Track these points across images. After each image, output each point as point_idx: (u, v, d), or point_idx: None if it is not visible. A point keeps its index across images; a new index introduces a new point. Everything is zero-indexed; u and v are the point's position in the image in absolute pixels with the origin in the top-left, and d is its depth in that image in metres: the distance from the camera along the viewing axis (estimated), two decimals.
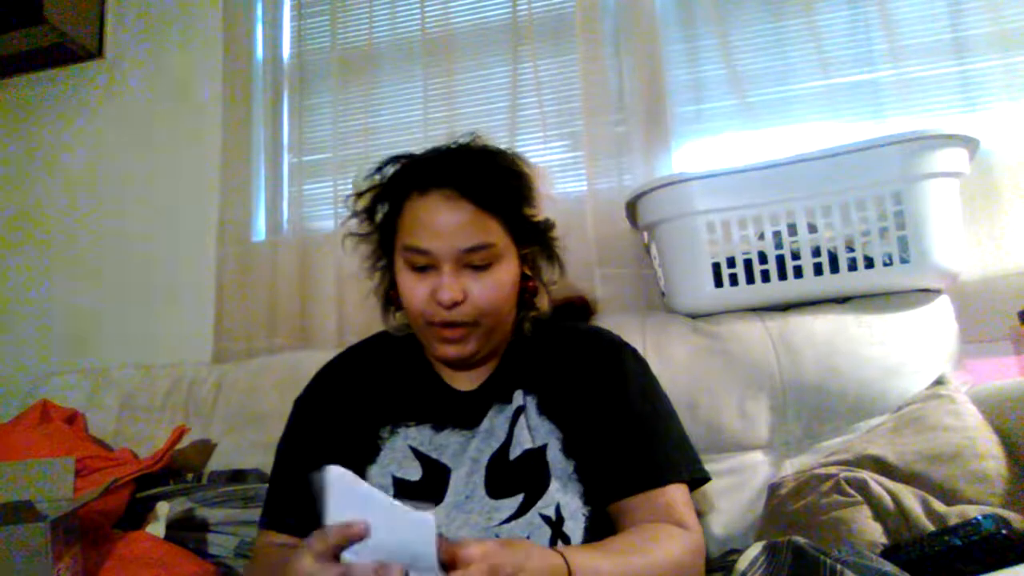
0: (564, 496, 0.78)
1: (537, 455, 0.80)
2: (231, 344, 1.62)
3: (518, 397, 0.84)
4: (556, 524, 0.76)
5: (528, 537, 0.75)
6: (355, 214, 0.88)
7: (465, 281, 0.78)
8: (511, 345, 0.89)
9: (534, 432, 0.82)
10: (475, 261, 0.78)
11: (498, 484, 0.79)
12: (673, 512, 0.77)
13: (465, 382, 0.88)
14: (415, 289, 0.80)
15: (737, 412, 1.10)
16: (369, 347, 0.95)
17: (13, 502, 0.89)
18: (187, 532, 1.09)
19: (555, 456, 0.81)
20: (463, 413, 0.85)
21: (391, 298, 0.89)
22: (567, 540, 0.76)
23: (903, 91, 1.35)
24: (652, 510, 0.76)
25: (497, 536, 0.76)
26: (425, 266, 0.79)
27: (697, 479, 0.83)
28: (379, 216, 0.86)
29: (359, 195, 0.87)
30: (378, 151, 1.64)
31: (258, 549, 0.85)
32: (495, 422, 0.83)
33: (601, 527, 0.78)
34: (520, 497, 0.78)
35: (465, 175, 0.78)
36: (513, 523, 0.77)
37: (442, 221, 0.77)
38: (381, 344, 0.94)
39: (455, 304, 0.77)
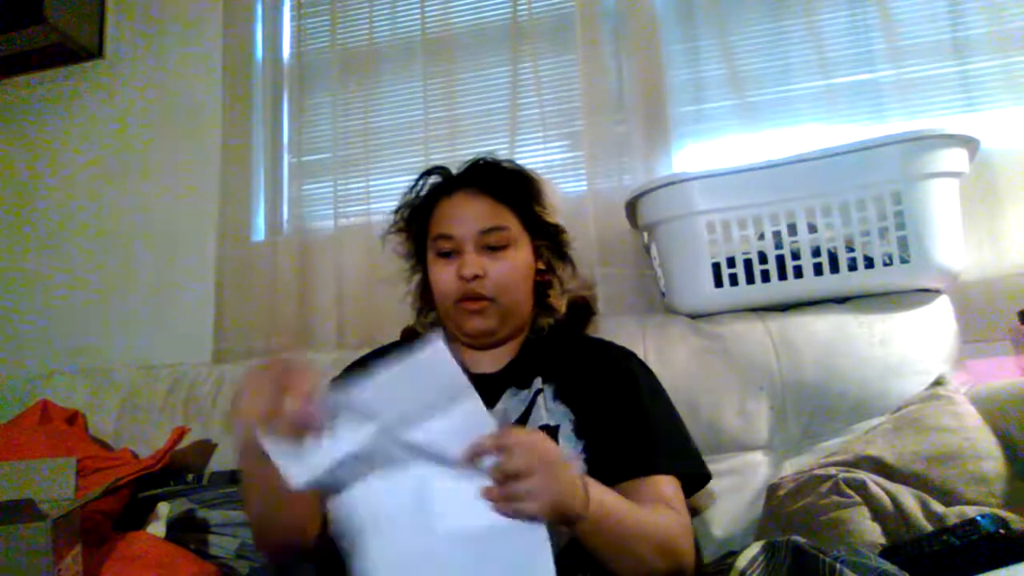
0: None
1: (550, 432, 0.86)
2: (231, 344, 1.62)
3: (537, 383, 0.91)
4: None
5: None
6: (397, 230, 1.01)
7: (484, 261, 0.90)
8: (529, 341, 0.98)
9: (551, 414, 0.88)
10: (491, 242, 0.91)
11: None
12: (661, 501, 0.80)
13: (485, 367, 0.95)
14: (443, 272, 0.92)
15: (737, 412, 1.10)
16: (395, 343, 1.05)
17: (15, 501, 0.89)
18: (188, 533, 1.09)
19: (567, 436, 0.87)
20: (481, 393, 0.88)
21: (426, 299, 1.01)
22: None
23: (903, 91, 1.35)
24: (642, 495, 0.80)
25: None
26: (450, 252, 0.92)
27: (696, 477, 0.88)
28: (414, 227, 1.00)
29: (398, 210, 1.01)
30: (378, 151, 1.64)
31: None
32: (509, 404, 0.91)
33: None
34: None
35: (484, 175, 0.95)
36: None
37: (464, 211, 0.92)
38: (406, 341, 1.03)
39: (475, 277, 0.89)
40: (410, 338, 1.06)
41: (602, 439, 0.85)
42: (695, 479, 0.89)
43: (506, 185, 0.93)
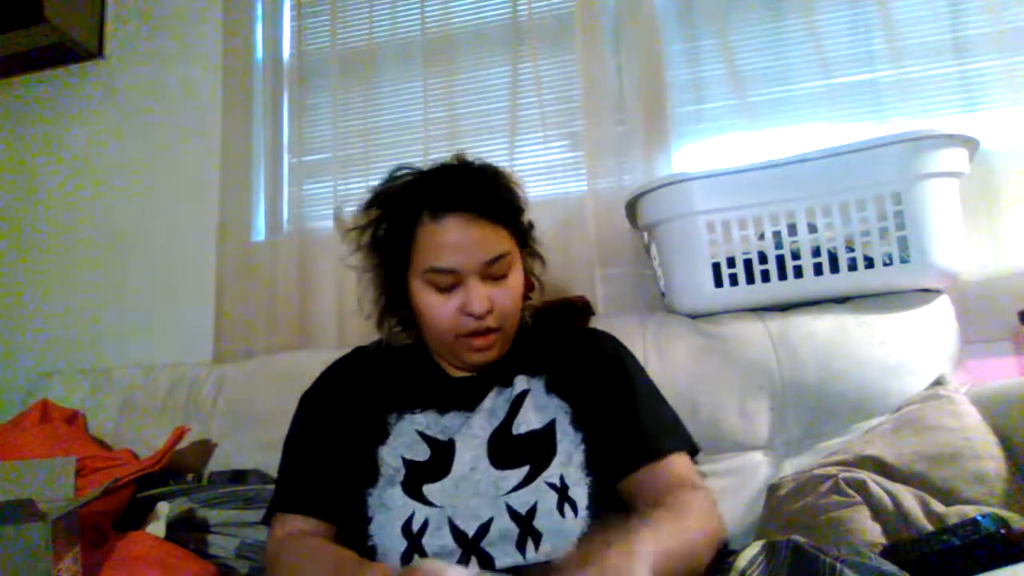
0: (568, 468, 0.83)
1: (542, 433, 0.86)
2: (231, 344, 1.62)
3: (520, 382, 0.90)
4: (562, 491, 0.80)
5: (536, 502, 0.79)
6: (358, 248, 0.91)
7: (489, 291, 0.85)
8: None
9: (542, 409, 0.87)
10: (495, 272, 0.85)
11: (502, 456, 0.84)
12: (684, 480, 0.81)
13: (466, 371, 0.93)
14: (443, 308, 0.85)
15: (737, 412, 1.10)
16: (373, 348, 1.01)
17: (15, 500, 0.88)
18: (187, 533, 1.09)
19: (564, 429, 0.86)
20: (465, 396, 0.90)
21: (396, 313, 0.94)
22: (573, 504, 0.80)
23: (903, 91, 1.35)
24: (663, 479, 0.81)
25: (507, 505, 0.79)
26: (450, 285, 0.85)
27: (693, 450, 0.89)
28: (381, 243, 0.89)
29: (362, 228, 0.90)
30: (378, 151, 1.64)
31: (281, 535, 0.84)
32: (496, 403, 0.89)
33: (602, 494, 0.82)
34: (526, 468, 0.83)
35: (475, 196, 0.84)
36: (521, 491, 0.81)
37: (464, 240, 0.83)
38: (384, 346, 0.99)
39: (486, 313, 0.84)
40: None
41: (603, 429, 0.85)
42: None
43: (499, 203, 0.86)
